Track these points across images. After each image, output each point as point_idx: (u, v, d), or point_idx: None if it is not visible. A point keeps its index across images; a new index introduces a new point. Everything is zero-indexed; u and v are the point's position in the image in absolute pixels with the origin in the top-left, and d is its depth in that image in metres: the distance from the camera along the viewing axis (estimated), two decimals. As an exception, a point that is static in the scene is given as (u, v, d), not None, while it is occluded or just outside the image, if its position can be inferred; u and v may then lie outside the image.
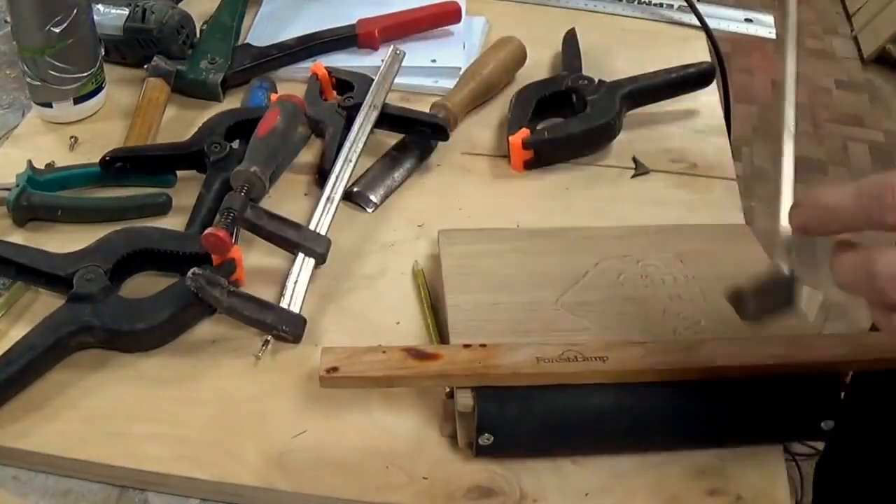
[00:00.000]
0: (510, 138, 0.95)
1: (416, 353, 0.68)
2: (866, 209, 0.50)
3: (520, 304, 0.76)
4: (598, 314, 0.75)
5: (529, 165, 0.96)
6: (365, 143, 0.93)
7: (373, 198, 0.91)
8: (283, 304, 0.78)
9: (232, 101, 1.03)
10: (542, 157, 0.96)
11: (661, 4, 1.25)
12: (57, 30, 0.93)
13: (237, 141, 0.92)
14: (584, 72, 1.04)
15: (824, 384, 0.68)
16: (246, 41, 1.10)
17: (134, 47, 1.06)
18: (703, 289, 0.78)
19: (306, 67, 1.04)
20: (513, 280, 0.79)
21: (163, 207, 0.88)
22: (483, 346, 0.69)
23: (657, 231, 0.85)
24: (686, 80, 1.03)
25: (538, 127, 0.98)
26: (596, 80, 1.01)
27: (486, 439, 0.66)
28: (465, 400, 0.67)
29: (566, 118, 0.99)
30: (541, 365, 0.67)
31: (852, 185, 0.51)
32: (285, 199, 0.91)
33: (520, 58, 1.09)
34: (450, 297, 0.77)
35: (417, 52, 1.09)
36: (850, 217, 0.52)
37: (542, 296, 0.77)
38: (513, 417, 0.67)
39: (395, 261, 0.84)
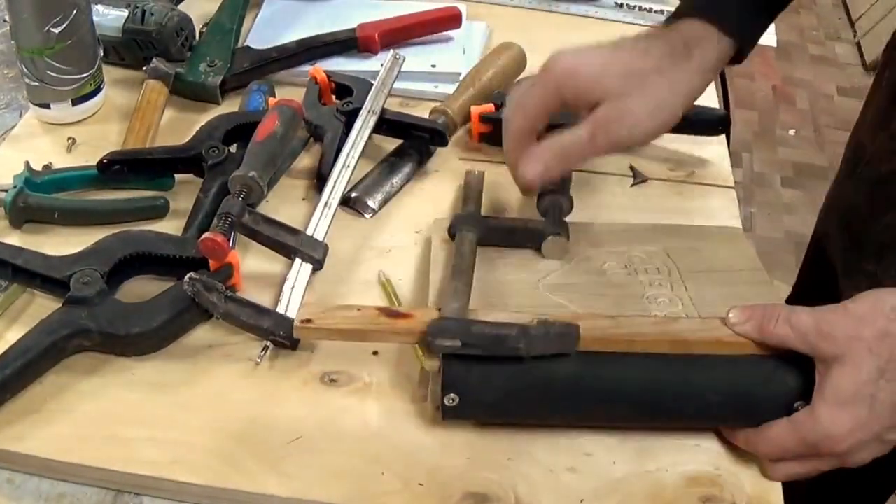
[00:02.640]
0: (472, 108, 0.99)
1: (390, 313, 0.70)
2: None
3: (501, 282, 0.78)
4: (578, 295, 0.78)
5: (484, 139, 0.99)
6: (363, 148, 0.93)
7: (371, 203, 0.92)
8: (280, 310, 0.78)
9: (230, 105, 1.04)
10: (498, 134, 0.94)
11: (661, 11, 1.26)
12: (56, 30, 0.94)
13: (235, 145, 0.92)
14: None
15: (797, 365, 0.68)
16: (245, 44, 1.11)
17: (133, 49, 1.06)
18: (685, 279, 0.80)
19: (305, 71, 1.04)
20: (497, 263, 0.80)
21: (160, 211, 0.89)
22: None
23: (648, 228, 0.87)
24: (690, 121, 0.98)
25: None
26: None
27: (451, 400, 0.68)
28: (432, 361, 0.69)
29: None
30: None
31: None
32: (283, 203, 0.91)
33: (520, 63, 1.09)
34: (433, 274, 0.79)
35: (417, 57, 1.09)
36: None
37: (523, 277, 0.79)
38: (478, 379, 0.68)
39: (392, 267, 0.85)
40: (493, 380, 0.68)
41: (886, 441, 0.66)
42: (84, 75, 0.99)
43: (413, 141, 0.98)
